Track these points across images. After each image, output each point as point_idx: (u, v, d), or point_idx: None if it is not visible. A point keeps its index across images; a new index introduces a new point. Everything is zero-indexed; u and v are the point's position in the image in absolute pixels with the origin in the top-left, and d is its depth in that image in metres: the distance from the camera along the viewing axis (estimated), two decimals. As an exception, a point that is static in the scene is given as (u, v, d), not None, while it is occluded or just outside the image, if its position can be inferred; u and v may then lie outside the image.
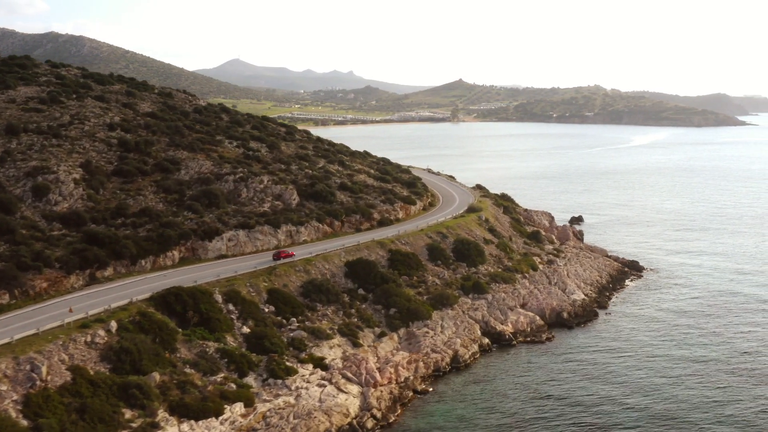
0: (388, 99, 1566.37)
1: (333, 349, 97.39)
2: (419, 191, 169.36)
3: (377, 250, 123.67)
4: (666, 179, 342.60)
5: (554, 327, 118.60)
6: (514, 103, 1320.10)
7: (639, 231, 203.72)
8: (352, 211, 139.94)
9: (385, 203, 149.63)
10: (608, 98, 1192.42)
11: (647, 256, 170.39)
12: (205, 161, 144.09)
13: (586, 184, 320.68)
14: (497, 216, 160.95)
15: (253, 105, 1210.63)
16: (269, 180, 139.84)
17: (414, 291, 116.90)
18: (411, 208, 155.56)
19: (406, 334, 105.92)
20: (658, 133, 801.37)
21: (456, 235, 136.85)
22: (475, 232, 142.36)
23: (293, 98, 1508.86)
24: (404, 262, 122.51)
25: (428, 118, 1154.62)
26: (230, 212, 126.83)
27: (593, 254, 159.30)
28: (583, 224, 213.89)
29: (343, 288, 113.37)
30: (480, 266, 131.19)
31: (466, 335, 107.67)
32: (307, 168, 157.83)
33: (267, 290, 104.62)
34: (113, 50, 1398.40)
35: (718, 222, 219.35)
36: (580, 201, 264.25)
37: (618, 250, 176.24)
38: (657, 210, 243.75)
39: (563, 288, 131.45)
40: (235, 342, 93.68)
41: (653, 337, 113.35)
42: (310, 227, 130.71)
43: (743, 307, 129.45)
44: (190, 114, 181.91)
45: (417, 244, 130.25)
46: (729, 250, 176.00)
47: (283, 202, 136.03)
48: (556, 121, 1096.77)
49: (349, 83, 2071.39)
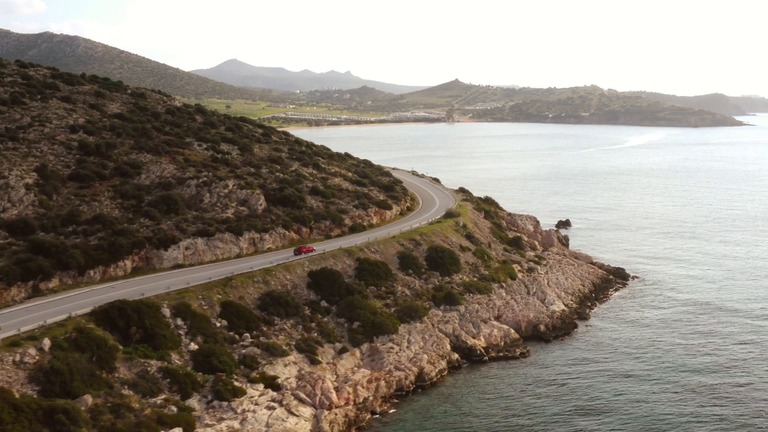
0: (384, 99, 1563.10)
1: (288, 366, 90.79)
2: (397, 195, 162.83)
3: (344, 258, 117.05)
4: (658, 181, 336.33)
5: (530, 340, 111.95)
6: (510, 103, 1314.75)
7: (627, 235, 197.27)
8: (321, 217, 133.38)
9: (359, 208, 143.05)
10: (604, 98, 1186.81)
11: (634, 262, 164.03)
12: (168, 165, 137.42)
13: (576, 185, 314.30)
14: (477, 221, 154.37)
15: (248, 105, 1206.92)
16: (234, 184, 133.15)
17: (381, 303, 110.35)
18: (386, 213, 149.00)
19: (369, 350, 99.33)
20: (653, 133, 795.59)
21: (430, 243, 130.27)
22: (451, 238, 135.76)
23: (289, 98, 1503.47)
24: (373, 271, 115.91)
25: (423, 119, 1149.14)
26: (190, 219, 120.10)
27: (577, 261, 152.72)
28: (570, 228, 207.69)
29: (305, 300, 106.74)
30: (454, 275, 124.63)
31: (434, 351, 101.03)
32: (278, 171, 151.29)
33: (221, 303, 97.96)
34: (108, 50, 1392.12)
35: (709, 226, 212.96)
36: (570, 203, 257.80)
37: (604, 257, 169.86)
38: (647, 213, 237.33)
39: (542, 298, 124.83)
40: (181, 360, 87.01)
41: (633, 352, 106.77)
42: (276, 234, 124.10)
43: (730, 320, 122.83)
44: (161, 115, 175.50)
45: (388, 252, 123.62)
46: (719, 257, 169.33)
47: (248, 208, 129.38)
48: (552, 121, 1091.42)
49: (346, 83, 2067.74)
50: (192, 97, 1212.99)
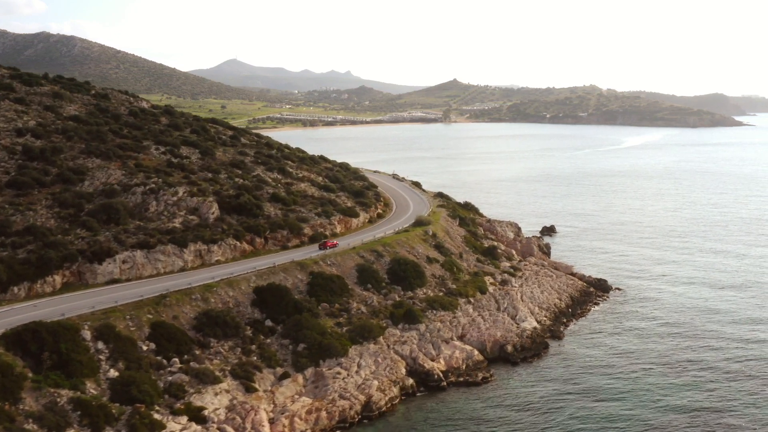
0: (381, 99, 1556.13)
1: (219, 396, 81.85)
2: (367, 201, 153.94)
3: (296, 272, 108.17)
4: (651, 183, 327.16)
5: (495, 363, 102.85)
6: (508, 103, 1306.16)
7: (614, 242, 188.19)
8: (278, 226, 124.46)
9: (321, 216, 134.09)
10: (603, 98, 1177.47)
11: (618, 272, 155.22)
12: (116, 170, 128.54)
13: (566, 188, 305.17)
14: (449, 229, 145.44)
15: (244, 105, 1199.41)
16: (185, 191, 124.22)
17: (333, 321, 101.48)
18: (352, 222, 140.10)
19: (313, 376, 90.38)
20: (651, 134, 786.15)
21: (394, 254, 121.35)
22: (417, 249, 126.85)
23: (286, 98, 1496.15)
24: (326, 286, 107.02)
25: (419, 119, 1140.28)
26: (131, 229, 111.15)
27: (556, 272, 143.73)
28: (555, 235, 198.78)
29: (248, 319, 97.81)
30: (418, 290, 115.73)
31: (386, 376, 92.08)
32: (238, 177, 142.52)
33: (150, 324, 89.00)
34: (104, 50, 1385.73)
35: (701, 231, 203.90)
36: (557, 207, 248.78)
37: (587, 266, 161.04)
38: (637, 218, 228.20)
39: (513, 314, 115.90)
40: (98, 389, 78.01)
41: (605, 375, 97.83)
42: (225, 246, 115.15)
43: (714, 338, 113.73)
44: (122, 117, 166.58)
45: (346, 265, 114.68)
46: (708, 268, 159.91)
47: (199, 217, 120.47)
48: (550, 121, 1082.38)
49: (346, 83, 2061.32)
50: (188, 97, 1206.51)
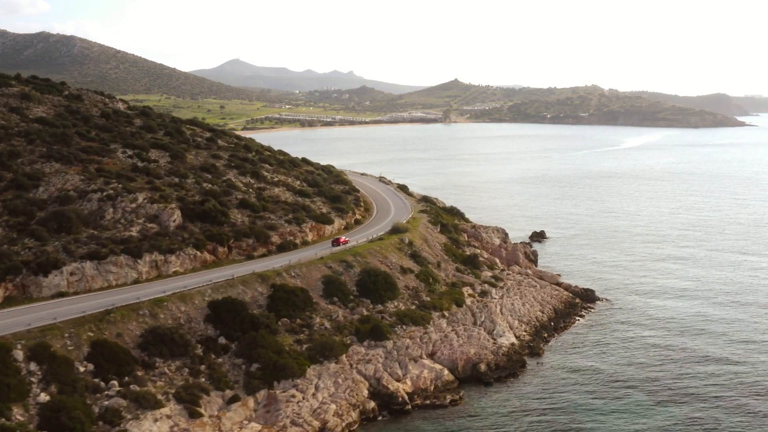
0: (382, 99, 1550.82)
1: (159, 422, 75.10)
2: (344, 207, 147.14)
3: (256, 285, 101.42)
4: (648, 185, 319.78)
5: (467, 383, 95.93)
6: (509, 103, 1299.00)
7: (605, 248, 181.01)
8: (243, 235, 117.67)
9: (292, 223, 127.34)
10: (604, 98, 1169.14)
11: (607, 281, 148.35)
12: (74, 176, 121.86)
13: (561, 190, 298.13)
14: (428, 237, 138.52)
15: (243, 105, 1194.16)
16: (145, 198, 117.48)
17: (293, 338, 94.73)
18: (325, 229, 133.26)
19: (266, 399, 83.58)
20: (652, 134, 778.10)
21: (364, 264, 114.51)
22: (390, 259, 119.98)
23: (287, 98, 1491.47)
24: (289, 300, 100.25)
25: (419, 119, 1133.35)
26: (83, 239, 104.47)
27: (541, 282, 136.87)
28: (545, 241, 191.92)
29: (201, 336, 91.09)
30: (388, 303, 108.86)
31: (345, 398, 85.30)
32: (207, 182, 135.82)
33: (91, 342, 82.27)
34: (104, 50, 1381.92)
35: (696, 237, 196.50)
36: (549, 211, 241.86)
37: (576, 271, 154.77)
38: (631, 222, 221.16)
39: (490, 329, 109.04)
40: (26, 416, 71.40)
41: (585, 398, 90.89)
42: (184, 256, 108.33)
43: (703, 355, 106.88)
44: (92, 119, 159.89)
45: (311, 276, 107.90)
46: (702, 277, 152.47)
47: (159, 225, 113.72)
48: (550, 121, 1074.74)
49: (349, 83, 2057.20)
50: (188, 97, 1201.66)
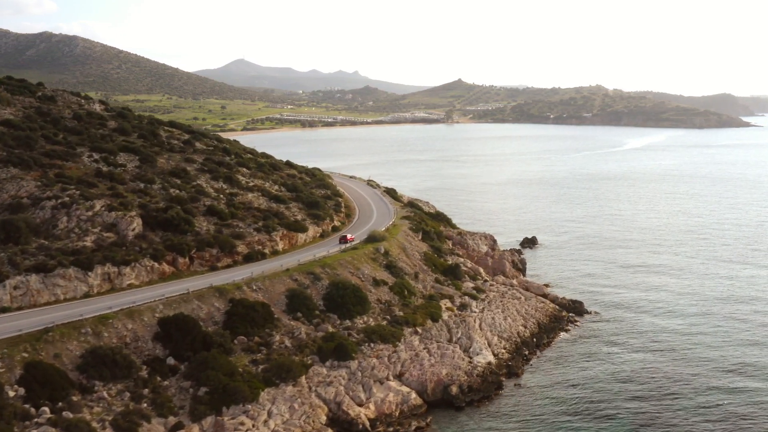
0: (385, 99, 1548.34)
1: (90, 456, 68.51)
2: (321, 213, 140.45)
3: (213, 300, 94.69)
4: (647, 188, 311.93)
5: (437, 407, 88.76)
6: (512, 103, 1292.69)
7: (597, 256, 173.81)
8: (207, 244, 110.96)
9: (261, 231, 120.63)
10: (608, 98, 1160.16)
11: (597, 292, 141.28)
12: (30, 182, 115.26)
13: (557, 193, 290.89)
14: (407, 245, 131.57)
15: (245, 106, 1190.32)
16: (103, 206, 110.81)
17: (249, 358, 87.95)
18: (298, 237, 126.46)
19: (212, 426, 76.73)
20: (656, 135, 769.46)
21: (333, 276, 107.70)
22: (363, 270, 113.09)
23: (290, 99, 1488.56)
24: (247, 316, 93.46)
25: (421, 119, 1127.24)
26: (31, 250, 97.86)
27: (526, 294, 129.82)
28: (536, 247, 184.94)
29: (148, 357, 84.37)
30: (357, 319, 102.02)
31: (301, 426, 78.49)
32: (174, 187, 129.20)
33: (24, 364, 75.68)
34: (107, 50, 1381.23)
35: (694, 244, 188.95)
36: (543, 215, 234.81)
37: (565, 281, 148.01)
38: (627, 226, 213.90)
39: (467, 346, 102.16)
40: (-58, 450, 65.04)
41: (563, 424, 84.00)
42: (140, 267, 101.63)
43: (693, 373, 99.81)
44: (62, 121, 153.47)
45: (274, 289, 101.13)
46: (698, 288, 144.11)
47: (117, 234, 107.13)
48: (553, 122, 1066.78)
49: (354, 83, 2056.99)
50: (190, 97, 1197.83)
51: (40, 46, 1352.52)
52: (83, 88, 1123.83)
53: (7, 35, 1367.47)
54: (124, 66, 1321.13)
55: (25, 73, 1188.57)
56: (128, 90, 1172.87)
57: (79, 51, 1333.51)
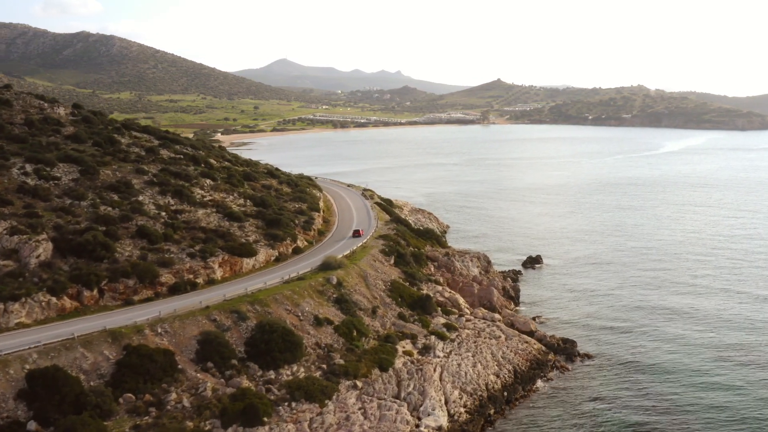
0: (423, 99, 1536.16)
1: None
2: (281, 234, 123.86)
3: (104, 346, 78.53)
4: (677, 196, 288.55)
5: (360, 490, 71.80)
6: (551, 104, 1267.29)
7: (605, 279, 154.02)
8: (122, 274, 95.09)
9: (196, 257, 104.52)
10: (649, 99, 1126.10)
11: (595, 327, 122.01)
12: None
13: (577, 201, 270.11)
14: (370, 273, 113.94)
15: (279, 106, 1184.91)
16: (5, 228, 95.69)
17: (132, 423, 71.55)
18: (243, 263, 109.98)
19: None
20: (695, 137, 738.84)
21: (264, 315, 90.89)
22: (303, 307, 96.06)
23: (327, 99, 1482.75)
24: (142, 367, 77.23)
25: (456, 120, 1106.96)
26: None
27: (508, 331, 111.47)
28: (539, 267, 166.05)
29: (7, 420, 68.61)
30: (284, 369, 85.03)
31: None
32: (107, 204, 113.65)
33: None
34: (143, 50, 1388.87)
35: (718, 264, 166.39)
36: (556, 227, 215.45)
37: (559, 314, 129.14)
38: (645, 242, 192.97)
39: (417, 404, 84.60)
40: None
41: None
42: (33, 303, 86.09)
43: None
44: (8, 128, 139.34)
45: (185, 333, 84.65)
46: (714, 323, 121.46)
47: (17, 261, 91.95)
48: (592, 123, 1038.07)
49: (396, 83, 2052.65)
50: (225, 97, 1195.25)
51: (77, 46, 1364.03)
52: (118, 88, 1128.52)
53: (44, 35, 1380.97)
54: (160, 66, 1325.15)
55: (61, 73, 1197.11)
56: (163, 90, 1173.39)
57: (115, 51, 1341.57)
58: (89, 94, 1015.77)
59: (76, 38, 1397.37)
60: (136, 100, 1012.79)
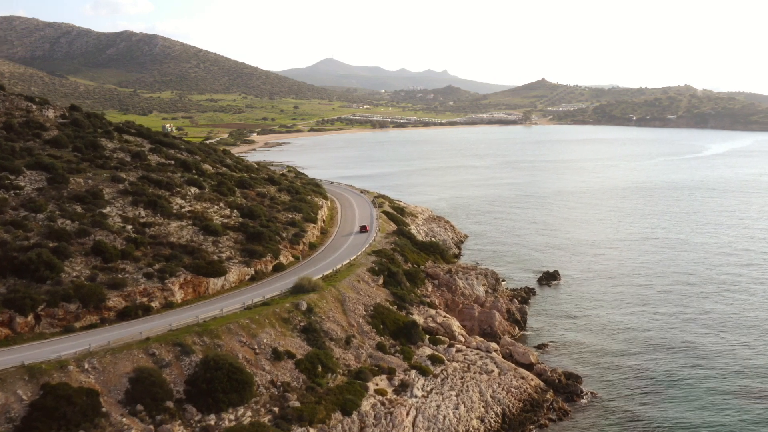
0: (466, 99, 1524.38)
1: None
2: (261, 249, 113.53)
3: (18, 385, 68.60)
4: (715, 203, 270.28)
5: None
6: (596, 104, 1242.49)
7: (624, 300, 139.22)
8: (63, 298, 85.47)
9: (152, 278, 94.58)
10: (695, 99, 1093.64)
11: (604, 358, 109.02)
12: None
13: (607, 209, 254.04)
14: (349, 297, 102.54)
15: (320, 105, 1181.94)
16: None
17: (32, 484, 61.70)
18: (209, 283, 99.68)
19: None
20: (742, 139, 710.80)
21: (213, 348, 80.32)
22: (261, 338, 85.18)
23: (370, 98, 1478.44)
24: (58, 411, 67.08)
25: (498, 121, 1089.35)
26: None
27: (503, 364, 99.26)
28: (555, 284, 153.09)
29: None
30: (227, 413, 74.21)
31: None
32: (67, 216, 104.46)
33: None
34: (186, 49, 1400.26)
35: (752, 288, 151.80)
36: (579, 237, 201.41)
37: (567, 344, 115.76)
38: (673, 255, 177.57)
39: (379, 455, 73.41)
40: None
41: None
42: (-47, 333, 77.02)
43: None
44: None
45: (117, 370, 74.35)
46: (745, 359, 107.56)
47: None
48: (636, 124, 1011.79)
49: (441, 82, 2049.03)
50: (266, 96, 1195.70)
51: (120, 45, 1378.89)
52: (159, 87, 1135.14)
53: (88, 34, 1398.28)
54: (202, 65, 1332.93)
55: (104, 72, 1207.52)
56: (204, 89, 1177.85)
57: (158, 50, 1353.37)
58: (130, 94, 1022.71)
59: (119, 37, 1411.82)
60: (176, 100, 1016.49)
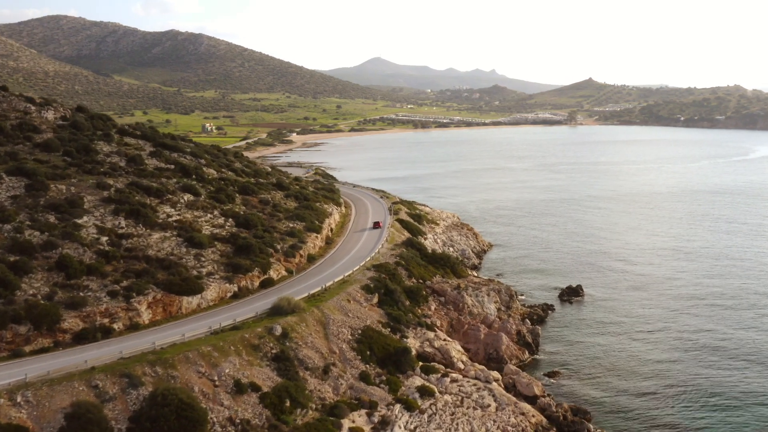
0: (512, 99, 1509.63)
1: None
2: (248, 264, 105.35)
3: (-70, 427, 61.48)
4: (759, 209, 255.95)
5: None
6: (643, 104, 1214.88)
7: (651, 323, 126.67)
8: (12, 318, 78.20)
9: (116, 296, 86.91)
10: (744, 100, 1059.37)
11: (622, 390, 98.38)
12: None
13: (643, 215, 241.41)
14: (333, 319, 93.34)
15: (364, 105, 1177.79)
16: None
17: None
18: (182, 302, 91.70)
19: None
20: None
21: (164, 380, 72.00)
22: (223, 368, 76.57)
23: (415, 98, 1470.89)
24: (-28, 458, 59.82)
25: (542, 121, 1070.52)
26: None
27: (503, 397, 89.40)
28: (577, 301, 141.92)
29: None
30: (172, 457, 66.11)
31: None
32: (36, 228, 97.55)
33: None
34: (231, 48, 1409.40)
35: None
36: (610, 246, 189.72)
37: (581, 373, 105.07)
38: (708, 268, 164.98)
39: None
40: None
41: None
42: None
43: None
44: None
45: (53, 404, 66.28)
46: None
47: None
48: (683, 124, 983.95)
49: (489, 82, 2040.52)
50: (310, 96, 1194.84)
51: (165, 44, 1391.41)
52: (203, 87, 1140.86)
53: (134, 33, 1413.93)
54: (246, 64, 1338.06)
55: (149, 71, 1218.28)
56: (248, 88, 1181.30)
57: (203, 49, 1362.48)
58: (174, 93, 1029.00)
59: (165, 37, 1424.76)
60: (219, 99, 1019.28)
